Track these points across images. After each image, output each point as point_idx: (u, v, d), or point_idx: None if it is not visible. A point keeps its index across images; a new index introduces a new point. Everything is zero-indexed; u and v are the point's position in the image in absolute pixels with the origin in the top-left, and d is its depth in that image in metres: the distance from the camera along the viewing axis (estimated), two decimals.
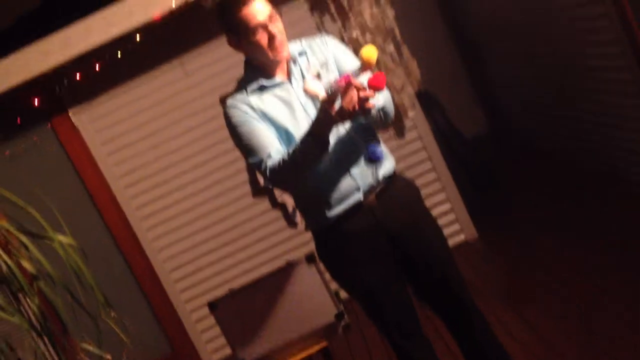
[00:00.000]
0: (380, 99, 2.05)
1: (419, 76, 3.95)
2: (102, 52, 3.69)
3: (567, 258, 3.43)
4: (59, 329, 2.64)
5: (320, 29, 3.92)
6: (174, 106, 4.04)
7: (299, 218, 4.21)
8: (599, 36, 3.41)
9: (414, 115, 3.77)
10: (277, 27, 2.04)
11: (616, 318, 2.75)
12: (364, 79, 1.86)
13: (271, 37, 2.02)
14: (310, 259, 3.69)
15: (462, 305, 2.27)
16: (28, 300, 2.48)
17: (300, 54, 2.15)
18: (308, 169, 2.03)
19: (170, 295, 4.20)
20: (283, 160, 2.00)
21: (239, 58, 3.97)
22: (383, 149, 2.18)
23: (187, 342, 4.25)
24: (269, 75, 2.13)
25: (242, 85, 2.17)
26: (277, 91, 2.12)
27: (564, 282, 3.24)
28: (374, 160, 2.12)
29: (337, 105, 1.87)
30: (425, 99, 4.49)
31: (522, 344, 2.87)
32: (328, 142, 1.95)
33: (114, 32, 3.57)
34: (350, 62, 2.15)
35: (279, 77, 2.13)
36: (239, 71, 3.99)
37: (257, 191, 4.21)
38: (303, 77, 2.12)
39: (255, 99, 2.11)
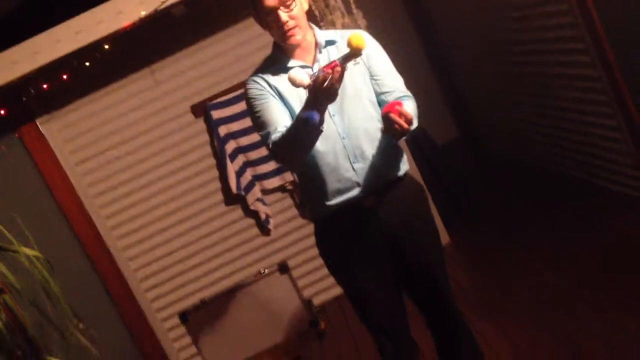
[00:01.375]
0: (414, 122, 2.04)
1: None
2: (71, 61, 3.64)
3: (539, 264, 3.47)
4: (26, 343, 2.60)
5: None
6: (143, 115, 4.00)
7: (271, 225, 4.21)
8: (568, 45, 3.47)
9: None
10: (290, 14, 2.05)
11: (590, 325, 2.77)
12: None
13: (281, 22, 2.05)
14: (283, 268, 3.69)
15: (447, 313, 2.32)
16: None
17: (330, 42, 2.18)
18: (304, 146, 2.03)
19: (141, 305, 4.15)
20: (283, 135, 2.02)
21: (210, 67, 4.00)
22: (397, 151, 2.21)
23: (158, 352, 4.21)
24: (292, 56, 2.16)
25: (265, 62, 2.22)
26: None
27: (537, 287, 3.27)
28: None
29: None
30: None
31: (498, 353, 2.88)
32: (317, 120, 1.91)
33: (83, 41, 3.52)
34: (381, 61, 2.19)
35: (303, 60, 2.16)
36: (210, 80, 4.02)
37: (230, 199, 4.20)
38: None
39: (273, 77, 2.15)
